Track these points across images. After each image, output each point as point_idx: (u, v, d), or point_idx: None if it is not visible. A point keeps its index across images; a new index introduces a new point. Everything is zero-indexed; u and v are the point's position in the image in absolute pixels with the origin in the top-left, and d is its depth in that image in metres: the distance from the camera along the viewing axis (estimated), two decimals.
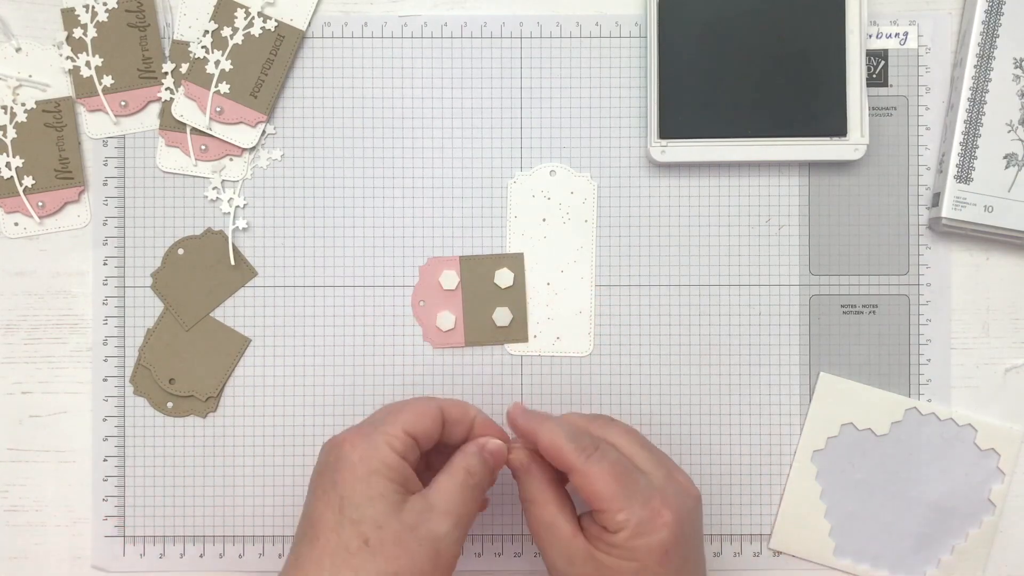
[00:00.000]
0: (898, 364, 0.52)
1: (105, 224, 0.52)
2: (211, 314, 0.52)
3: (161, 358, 0.52)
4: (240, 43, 0.51)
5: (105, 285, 0.52)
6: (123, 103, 0.52)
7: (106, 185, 0.52)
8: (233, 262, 0.52)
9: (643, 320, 0.52)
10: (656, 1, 0.50)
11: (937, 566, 0.51)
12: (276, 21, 0.52)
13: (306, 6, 0.52)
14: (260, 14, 0.51)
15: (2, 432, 0.52)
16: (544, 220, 0.52)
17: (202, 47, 0.51)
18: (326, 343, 0.52)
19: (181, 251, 0.52)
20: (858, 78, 0.50)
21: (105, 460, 0.52)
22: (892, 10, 0.52)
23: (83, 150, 0.52)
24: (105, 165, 0.52)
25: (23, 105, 0.52)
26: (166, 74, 0.52)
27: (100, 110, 0.52)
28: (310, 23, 0.52)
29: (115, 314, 0.52)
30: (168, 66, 0.52)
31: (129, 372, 0.52)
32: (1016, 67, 0.50)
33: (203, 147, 0.52)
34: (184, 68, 0.52)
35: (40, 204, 0.52)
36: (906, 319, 0.52)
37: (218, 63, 0.51)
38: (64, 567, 0.52)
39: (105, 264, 0.52)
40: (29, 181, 0.52)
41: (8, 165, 0.51)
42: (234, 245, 0.52)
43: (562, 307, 0.52)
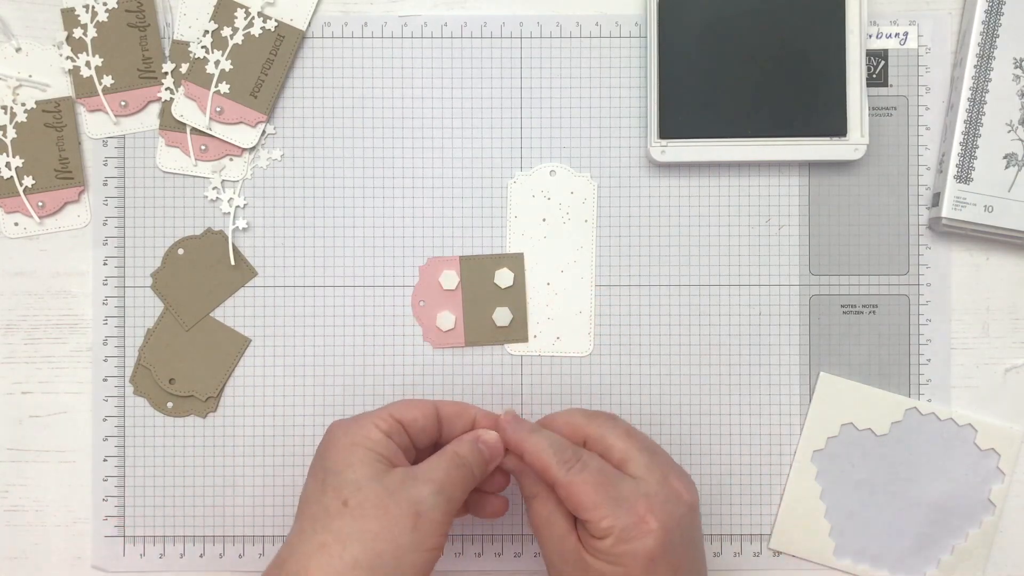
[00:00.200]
0: (898, 364, 0.52)
1: (105, 224, 0.52)
2: (211, 314, 0.52)
3: (161, 358, 0.52)
4: (240, 43, 0.51)
5: (105, 285, 0.52)
6: (123, 103, 0.52)
7: (106, 185, 0.52)
8: (233, 262, 0.52)
9: (643, 320, 0.52)
10: (656, 1, 0.50)
11: (937, 566, 0.51)
12: (276, 21, 0.52)
13: (306, 6, 0.52)
14: (260, 14, 0.51)
15: (2, 432, 0.52)
16: (544, 220, 0.52)
17: (202, 47, 0.51)
18: (326, 343, 0.52)
19: (181, 251, 0.52)
20: (858, 78, 0.50)
21: (105, 460, 0.52)
22: (892, 10, 0.52)
23: (83, 150, 0.52)
24: (105, 165, 0.52)
25: (23, 105, 0.52)
26: (166, 74, 0.52)
27: (100, 110, 0.52)
28: (310, 23, 0.52)
29: (115, 314, 0.52)
30: (168, 66, 0.52)
31: (129, 372, 0.52)
32: (1016, 67, 0.50)
33: (203, 147, 0.52)
34: (184, 68, 0.52)
35: (40, 204, 0.52)
36: (906, 319, 0.52)
37: (218, 63, 0.51)
38: (64, 567, 0.52)
39: (105, 264, 0.52)
40: (29, 181, 0.52)
41: (8, 165, 0.51)
42: (234, 245, 0.52)
43: (562, 307, 0.52)
